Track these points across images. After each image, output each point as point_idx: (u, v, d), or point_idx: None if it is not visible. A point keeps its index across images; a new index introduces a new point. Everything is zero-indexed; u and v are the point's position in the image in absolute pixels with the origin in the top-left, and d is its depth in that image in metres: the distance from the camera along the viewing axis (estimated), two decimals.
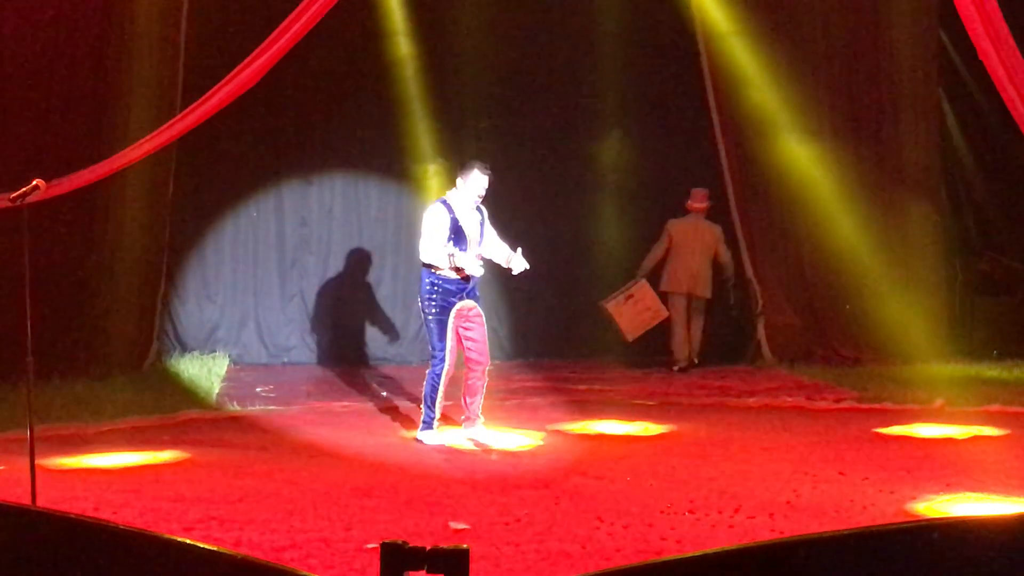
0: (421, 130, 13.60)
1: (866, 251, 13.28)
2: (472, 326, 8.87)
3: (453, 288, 8.72)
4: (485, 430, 9.00)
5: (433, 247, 8.66)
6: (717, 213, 13.95)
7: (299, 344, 13.90)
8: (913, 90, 14.01)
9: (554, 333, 14.29)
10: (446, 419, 9.17)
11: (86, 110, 11.80)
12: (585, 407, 10.65)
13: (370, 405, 10.91)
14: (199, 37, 12.85)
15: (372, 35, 13.51)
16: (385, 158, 13.87)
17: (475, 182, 8.73)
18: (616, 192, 14.30)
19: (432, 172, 13.44)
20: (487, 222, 8.99)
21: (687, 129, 14.34)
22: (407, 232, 13.96)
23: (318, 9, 8.41)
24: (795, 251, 13.98)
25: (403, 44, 13.60)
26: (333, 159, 13.99)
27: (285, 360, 13.74)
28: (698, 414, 10.39)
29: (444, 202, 8.82)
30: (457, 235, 8.71)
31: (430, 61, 13.70)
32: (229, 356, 13.36)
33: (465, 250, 8.68)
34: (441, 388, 8.80)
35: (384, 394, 11.52)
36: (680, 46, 14.22)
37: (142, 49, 12.17)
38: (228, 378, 12.33)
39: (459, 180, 8.83)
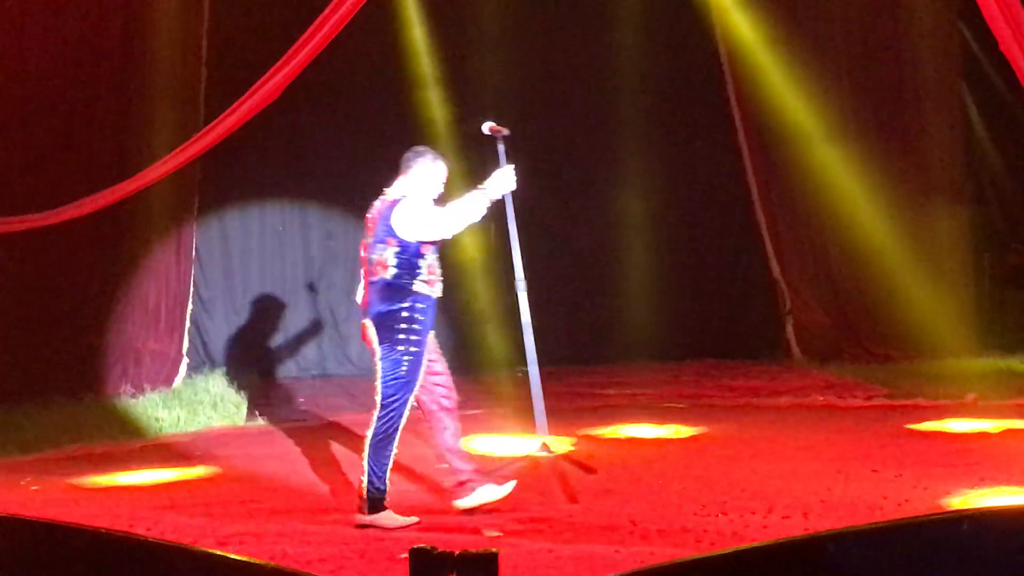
0: (442, 140, 13.60)
1: (893, 247, 13.20)
2: (436, 356, 7.05)
3: (430, 309, 6.87)
4: (495, 487, 6.94)
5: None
6: (743, 214, 13.95)
7: (328, 357, 13.92)
8: (935, 84, 13.96)
9: (580, 338, 14.25)
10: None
11: (109, 130, 11.85)
12: (615, 411, 10.64)
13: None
14: (220, 53, 12.93)
15: (394, 48, 13.51)
16: None
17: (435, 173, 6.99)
18: (641, 196, 14.25)
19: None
20: None
21: (711, 133, 14.39)
22: None
23: (337, 21, 8.45)
24: (822, 249, 13.94)
25: (425, 57, 13.64)
26: (358, 171, 14.01)
27: (314, 373, 13.76)
28: (729, 415, 10.37)
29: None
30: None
31: (452, 73, 13.72)
32: (258, 371, 13.41)
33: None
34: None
35: (415, 405, 11.49)
36: (702, 51, 14.26)
37: (163, 66, 12.21)
38: (258, 393, 12.37)
39: (414, 172, 6.93)
